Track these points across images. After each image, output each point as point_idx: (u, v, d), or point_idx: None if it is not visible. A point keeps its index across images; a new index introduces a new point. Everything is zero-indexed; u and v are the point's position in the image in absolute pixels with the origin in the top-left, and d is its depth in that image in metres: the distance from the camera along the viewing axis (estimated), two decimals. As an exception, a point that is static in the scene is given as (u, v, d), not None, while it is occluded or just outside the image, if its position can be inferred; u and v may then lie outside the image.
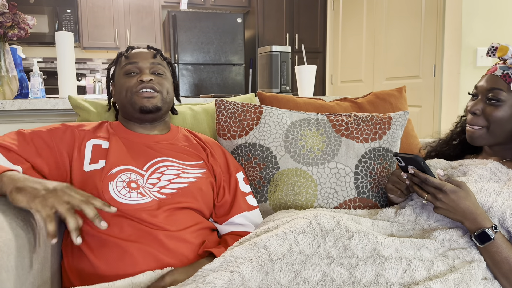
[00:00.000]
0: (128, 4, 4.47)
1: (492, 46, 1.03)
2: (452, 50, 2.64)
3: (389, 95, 1.49)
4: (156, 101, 1.02)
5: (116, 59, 1.11)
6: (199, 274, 0.74)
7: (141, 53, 1.07)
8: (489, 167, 0.97)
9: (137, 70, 1.05)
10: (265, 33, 4.52)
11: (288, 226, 0.83)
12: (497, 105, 0.98)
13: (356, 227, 0.85)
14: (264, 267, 0.74)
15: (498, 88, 0.98)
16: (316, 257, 0.79)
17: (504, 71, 0.99)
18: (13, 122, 1.57)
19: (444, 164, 1.09)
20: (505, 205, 0.85)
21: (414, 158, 0.88)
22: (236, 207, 1.06)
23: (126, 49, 1.10)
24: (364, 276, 0.78)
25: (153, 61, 1.07)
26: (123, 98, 1.04)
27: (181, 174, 0.99)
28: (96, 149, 0.98)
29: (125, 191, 0.91)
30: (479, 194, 0.89)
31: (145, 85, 1.02)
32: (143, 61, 1.05)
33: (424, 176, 0.88)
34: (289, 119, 1.23)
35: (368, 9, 3.61)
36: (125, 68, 1.05)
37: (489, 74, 1.02)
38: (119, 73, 1.07)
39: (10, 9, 1.56)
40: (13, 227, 0.74)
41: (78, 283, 0.86)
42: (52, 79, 4.27)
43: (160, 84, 1.04)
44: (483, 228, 0.83)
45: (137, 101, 1.01)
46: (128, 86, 1.03)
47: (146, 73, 1.04)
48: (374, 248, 0.82)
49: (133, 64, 1.05)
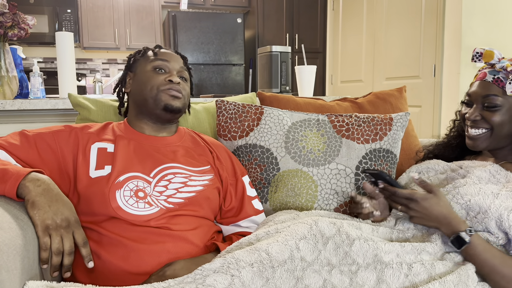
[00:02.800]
0: (128, 4, 4.46)
1: (477, 52, 1.03)
2: (452, 50, 2.64)
3: (389, 95, 1.49)
4: (180, 103, 1.03)
5: (143, 52, 1.09)
6: (199, 273, 0.73)
7: (172, 54, 1.08)
8: (488, 169, 0.97)
9: (166, 69, 1.05)
10: (265, 33, 4.52)
11: (289, 231, 0.82)
12: (495, 110, 0.97)
13: (356, 233, 0.84)
14: (265, 274, 0.73)
15: (493, 94, 0.97)
16: (316, 264, 0.79)
17: (494, 76, 0.98)
18: (13, 122, 1.57)
19: (443, 166, 1.09)
20: (503, 207, 0.85)
21: (379, 173, 0.93)
22: (243, 213, 1.06)
23: (154, 47, 1.10)
24: (365, 282, 0.78)
25: (182, 66, 1.08)
26: (146, 93, 1.02)
27: (188, 182, 0.98)
28: (101, 153, 0.96)
29: (133, 201, 0.90)
30: (477, 196, 0.89)
31: (173, 86, 1.02)
32: (174, 63, 1.06)
33: (393, 190, 0.92)
34: (289, 120, 1.23)
35: (368, 9, 3.61)
36: (155, 63, 1.04)
37: (479, 80, 1.01)
38: (145, 67, 1.05)
39: (10, 9, 1.56)
40: (13, 227, 0.74)
41: (85, 278, 0.86)
42: (52, 79, 4.27)
43: (184, 89, 1.05)
44: (458, 232, 0.84)
45: (163, 98, 1.01)
46: (155, 82, 1.02)
47: (175, 74, 1.04)
48: (375, 254, 0.81)
49: (164, 61, 1.05)
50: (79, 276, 0.87)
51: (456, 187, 0.94)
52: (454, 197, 0.92)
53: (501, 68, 0.98)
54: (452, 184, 0.96)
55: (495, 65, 0.99)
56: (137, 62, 1.08)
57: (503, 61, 0.99)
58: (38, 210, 0.78)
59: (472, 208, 0.89)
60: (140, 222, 0.88)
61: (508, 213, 0.84)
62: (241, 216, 1.06)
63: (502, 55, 1.00)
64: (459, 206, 0.91)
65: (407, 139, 1.40)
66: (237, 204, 1.07)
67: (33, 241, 0.78)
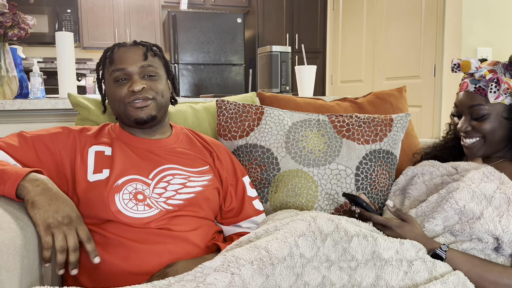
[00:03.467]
0: (128, 4, 4.46)
1: (454, 64, 1.03)
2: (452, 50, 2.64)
3: (389, 95, 1.49)
4: (150, 110, 0.97)
5: (103, 60, 1.01)
6: (199, 271, 0.73)
7: (128, 54, 0.98)
8: (482, 171, 0.98)
9: (126, 77, 0.97)
10: (265, 33, 4.51)
11: (288, 228, 0.83)
12: (483, 119, 0.98)
13: (355, 230, 0.85)
14: (265, 271, 0.74)
15: (478, 104, 0.98)
16: (315, 261, 0.79)
17: (476, 85, 0.99)
18: (13, 122, 1.57)
19: (438, 168, 1.09)
20: (495, 214, 0.87)
21: (356, 199, 0.96)
22: (244, 213, 1.06)
23: (112, 47, 1.00)
24: (364, 279, 0.78)
25: (143, 64, 0.97)
26: (117, 108, 0.99)
27: (187, 183, 0.97)
28: (99, 156, 0.96)
29: (132, 204, 0.89)
30: (471, 203, 0.91)
31: (137, 96, 0.95)
32: (132, 66, 0.96)
33: (368, 215, 0.95)
34: (290, 120, 1.23)
35: (368, 9, 3.61)
36: (113, 75, 0.97)
37: (463, 91, 1.02)
38: (108, 79, 1.00)
39: (10, 9, 1.55)
40: (13, 227, 0.74)
41: (85, 280, 0.86)
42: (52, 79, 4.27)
43: (153, 90, 0.97)
44: (434, 249, 0.87)
45: (131, 112, 0.96)
46: (119, 96, 0.96)
47: (136, 80, 0.96)
48: (373, 251, 0.81)
49: (121, 71, 0.96)
50: (80, 278, 0.87)
51: (450, 192, 0.95)
52: (448, 201, 0.93)
53: (480, 77, 0.98)
54: (446, 189, 0.97)
55: (474, 74, 0.99)
56: (104, 72, 1.03)
57: (481, 69, 0.98)
58: (38, 210, 0.78)
59: (465, 213, 0.90)
60: (140, 225, 0.88)
61: (500, 218, 0.86)
62: (241, 217, 1.05)
63: (479, 64, 0.99)
64: (452, 211, 0.92)
65: (407, 139, 1.40)
66: (237, 205, 1.06)
67: (33, 241, 0.77)
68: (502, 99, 0.96)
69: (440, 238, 0.92)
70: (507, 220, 0.85)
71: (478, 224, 0.87)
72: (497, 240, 0.86)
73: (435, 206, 0.96)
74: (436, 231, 0.93)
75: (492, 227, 0.85)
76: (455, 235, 0.91)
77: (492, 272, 0.83)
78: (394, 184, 1.16)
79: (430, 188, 1.05)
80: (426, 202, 0.98)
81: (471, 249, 0.88)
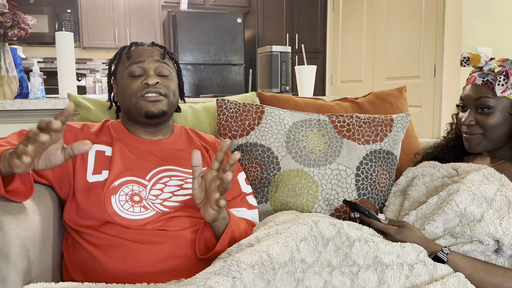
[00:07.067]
0: (128, 4, 4.46)
1: (464, 57, 1.05)
2: (452, 50, 2.64)
3: (389, 95, 1.49)
4: (162, 105, 0.98)
5: (119, 56, 1.04)
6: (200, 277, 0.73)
7: (146, 51, 1.01)
8: (482, 172, 0.98)
9: (141, 72, 0.99)
10: (265, 33, 4.51)
11: (289, 232, 0.82)
12: (488, 112, 0.99)
13: (357, 234, 0.84)
14: (266, 276, 0.73)
15: (485, 96, 0.99)
16: (317, 266, 0.78)
17: (484, 79, 1.01)
18: (13, 122, 1.57)
19: (439, 169, 1.09)
20: (496, 216, 0.88)
21: (356, 206, 0.97)
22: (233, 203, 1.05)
23: (129, 46, 1.03)
24: (366, 283, 0.78)
25: (159, 61, 1.00)
26: (127, 102, 0.99)
27: (184, 185, 0.97)
28: (99, 157, 0.95)
29: (128, 205, 0.89)
30: (472, 205, 0.91)
31: (150, 89, 0.97)
32: (148, 61, 0.99)
33: (369, 221, 0.96)
34: (290, 120, 1.23)
35: (368, 9, 3.61)
36: (129, 69, 0.99)
37: (470, 84, 1.03)
38: (122, 73, 1.01)
39: (10, 9, 1.56)
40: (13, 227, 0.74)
41: (81, 279, 0.86)
42: (52, 79, 4.27)
43: (166, 87, 0.99)
44: (435, 252, 0.87)
45: (143, 105, 0.97)
46: (133, 89, 0.97)
47: (151, 75, 0.98)
48: (375, 256, 0.81)
49: (137, 64, 0.99)
50: (77, 278, 0.87)
51: (450, 194, 0.95)
52: (449, 204, 0.93)
53: (489, 70, 1.00)
54: (446, 191, 0.97)
55: (483, 68, 1.01)
56: (117, 68, 1.05)
57: (490, 63, 1.01)
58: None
59: (466, 216, 0.91)
60: (137, 226, 0.88)
61: (500, 221, 0.86)
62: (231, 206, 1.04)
63: (489, 57, 1.01)
64: (453, 214, 0.92)
65: (407, 139, 1.40)
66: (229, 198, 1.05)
67: (33, 242, 0.78)
68: (509, 93, 0.98)
69: (441, 240, 0.92)
70: (507, 223, 0.86)
71: (479, 227, 0.87)
72: (498, 242, 0.86)
73: (436, 208, 0.96)
74: (437, 233, 0.93)
75: (493, 230, 0.85)
76: (455, 237, 0.91)
77: (495, 275, 0.84)
78: (395, 185, 1.16)
79: (430, 189, 1.05)
80: (426, 204, 0.98)
81: (472, 251, 0.88)
